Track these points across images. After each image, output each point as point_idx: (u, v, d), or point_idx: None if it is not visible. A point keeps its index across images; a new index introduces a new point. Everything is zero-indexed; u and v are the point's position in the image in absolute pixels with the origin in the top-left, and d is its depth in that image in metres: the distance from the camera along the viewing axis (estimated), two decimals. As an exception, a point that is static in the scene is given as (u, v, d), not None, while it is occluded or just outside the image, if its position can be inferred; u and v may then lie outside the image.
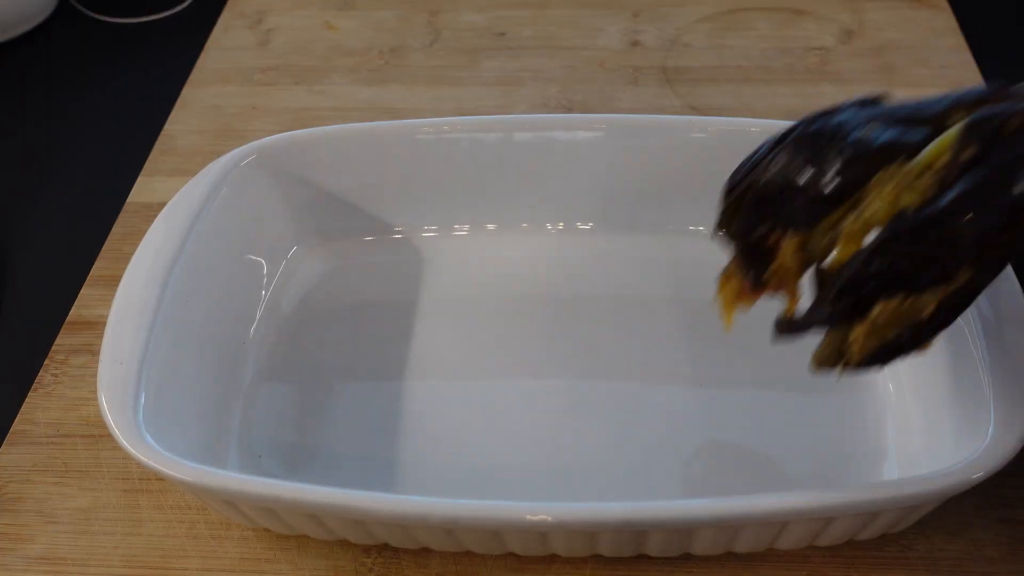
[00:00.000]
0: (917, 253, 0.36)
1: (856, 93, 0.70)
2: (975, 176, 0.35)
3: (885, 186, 0.37)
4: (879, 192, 0.37)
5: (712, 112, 0.70)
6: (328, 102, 0.73)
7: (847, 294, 0.37)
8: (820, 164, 0.38)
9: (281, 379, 0.53)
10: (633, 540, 0.43)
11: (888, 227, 0.36)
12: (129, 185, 0.66)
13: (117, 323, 0.47)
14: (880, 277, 0.36)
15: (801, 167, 0.39)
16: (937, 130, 0.37)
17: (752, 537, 0.43)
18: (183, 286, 0.50)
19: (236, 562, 0.47)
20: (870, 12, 0.79)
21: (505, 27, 0.79)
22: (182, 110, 0.73)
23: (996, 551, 0.46)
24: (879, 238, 0.36)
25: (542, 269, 0.58)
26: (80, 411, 0.53)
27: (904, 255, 0.36)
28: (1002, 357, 0.44)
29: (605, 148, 0.57)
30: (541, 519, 0.40)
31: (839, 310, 0.37)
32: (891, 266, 0.36)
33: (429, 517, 0.40)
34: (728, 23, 0.78)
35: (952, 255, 0.35)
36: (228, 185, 0.54)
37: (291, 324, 0.56)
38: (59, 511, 0.49)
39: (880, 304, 0.36)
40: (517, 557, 0.46)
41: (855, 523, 0.43)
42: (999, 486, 0.48)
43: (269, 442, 0.50)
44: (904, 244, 0.36)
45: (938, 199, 0.36)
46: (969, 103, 0.38)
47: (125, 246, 0.62)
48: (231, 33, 0.80)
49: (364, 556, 0.47)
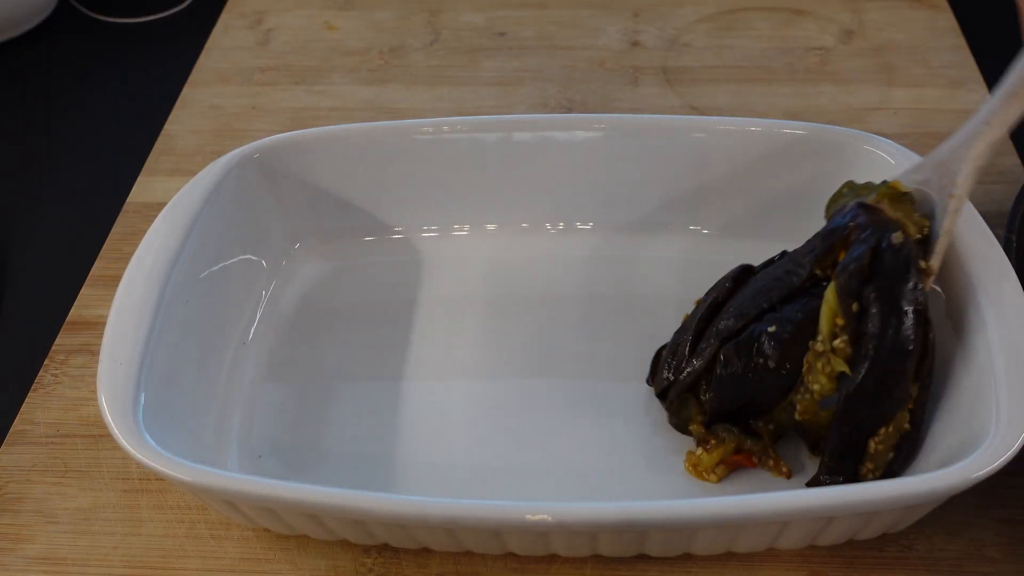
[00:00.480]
0: (873, 399, 0.43)
1: (856, 93, 0.71)
2: (875, 323, 0.43)
3: (816, 362, 0.44)
4: (813, 369, 0.45)
5: (712, 112, 0.70)
6: (328, 102, 0.73)
7: (841, 457, 0.44)
8: (763, 363, 0.45)
9: (281, 379, 0.53)
10: (633, 540, 0.43)
11: (841, 395, 0.44)
12: (129, 185, 0.66)
13: (117, 323, 0.47)
14: (853, 432, 0.44)
15: (749, 370, 0.46)
16: (814, 283, 0.46)
17: (752, 537, 0.43)
18: (183, 286, 0.50)
19: (236, 562, 0.47)
20: (870, 12, 0.79)
21: (505, 27, 0.79)
22: (182, 110, 0.73)
23: (996, 551, 0.46)
24: (838, 408, 0.44)
25: (542, 269, 0.58)
26: (80, 411, 0.53)
27: (862, 408, 0.44)
28: (1002, 357, 0.44)
29: (605, 148, 0.57)
30: (541, 519, 0.40)
31: (846, 468, 0.45)
32: (857, 423, 0.44)
33: (428, 517, 0.40)
34: (728, 23, 0.78)
35: (899, 384, 0.43)
36: (228, 185, 0.54)
37: (291, 324, 0.56)
38: (59, 511, 0.49)
39: (872, 441, 0.44)
40: (517, 557, 0.46)
41: (855, 523, 0.43)
42: (999, 486, 0.48)
43: (269, 442, 0.50)
44: (858, 402, 0.43)
45: (860, 354, 0.43)
46: (822, 256, 0.46)
47: (125, 246, 0.62)
48: (231, 33, 0.80)
49: (364, 556, 0.47)
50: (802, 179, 0.56)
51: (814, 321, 0.45)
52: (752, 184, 0.57)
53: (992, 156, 0.47)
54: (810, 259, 0.46)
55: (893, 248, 0.44)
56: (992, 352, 0.44)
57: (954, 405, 0.45)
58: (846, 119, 0.68)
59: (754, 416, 0.48)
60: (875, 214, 0.45)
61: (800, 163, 0.56)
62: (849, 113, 0.69)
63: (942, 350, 0.47)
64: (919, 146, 0.66)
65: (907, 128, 0.68)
